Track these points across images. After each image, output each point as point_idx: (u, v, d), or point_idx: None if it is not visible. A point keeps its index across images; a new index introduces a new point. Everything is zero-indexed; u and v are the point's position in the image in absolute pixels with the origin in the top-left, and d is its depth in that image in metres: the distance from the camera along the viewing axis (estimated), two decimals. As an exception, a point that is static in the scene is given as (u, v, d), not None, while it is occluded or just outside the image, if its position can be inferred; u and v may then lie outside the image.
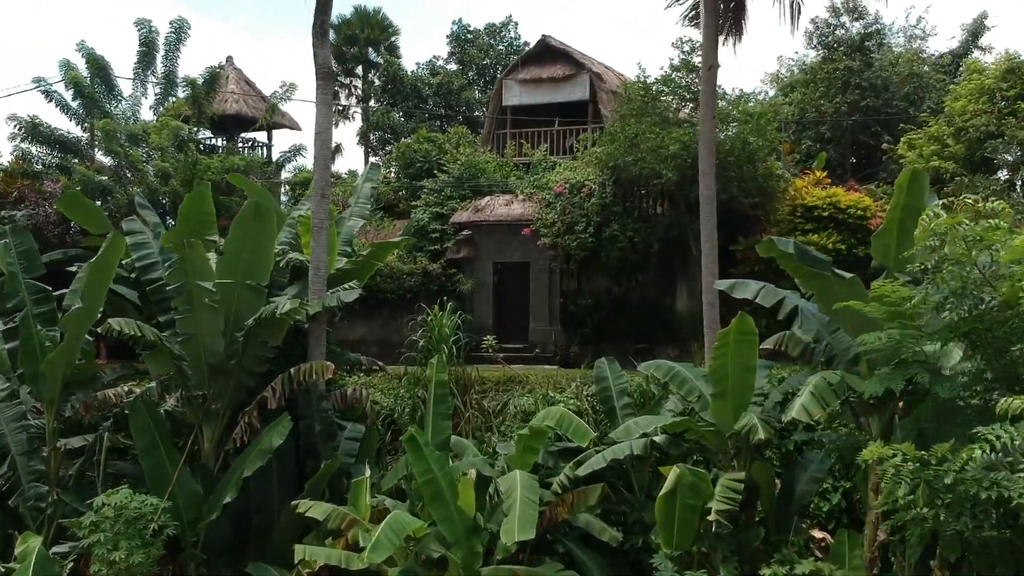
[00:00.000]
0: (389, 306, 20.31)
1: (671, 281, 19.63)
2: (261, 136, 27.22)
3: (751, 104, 19.06)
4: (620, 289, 19.65)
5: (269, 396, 12.52)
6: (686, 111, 19.80)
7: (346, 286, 13.71)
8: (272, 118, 22.54)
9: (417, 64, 39.28)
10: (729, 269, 18.65)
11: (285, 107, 23.49)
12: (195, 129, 21.03)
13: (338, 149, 33.37)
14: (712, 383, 10.98)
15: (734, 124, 18.02)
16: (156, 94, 22.10)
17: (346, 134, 73.93)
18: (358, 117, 35.45)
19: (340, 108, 35.86)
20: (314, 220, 13.39)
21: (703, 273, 13.00)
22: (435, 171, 22.97)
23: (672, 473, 10.09)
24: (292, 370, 12.61)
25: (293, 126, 25.49)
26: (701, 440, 11.51)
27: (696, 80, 18.97)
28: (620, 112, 19.17)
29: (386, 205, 25.08)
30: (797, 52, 63.16)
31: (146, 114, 22.07)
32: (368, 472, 11.11)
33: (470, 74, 35.39)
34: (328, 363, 12.60)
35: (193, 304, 12.49)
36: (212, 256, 13.01)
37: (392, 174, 26.69)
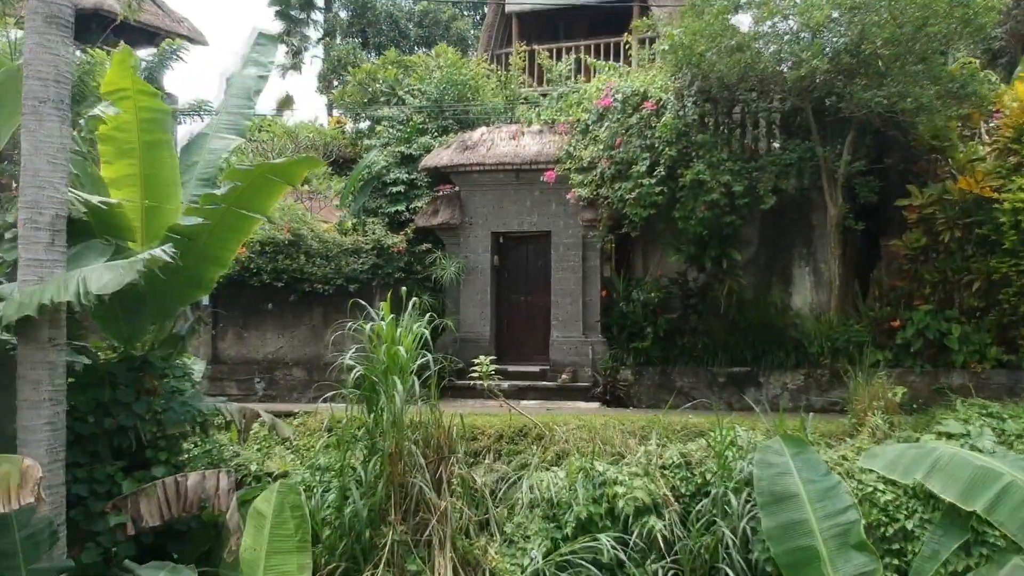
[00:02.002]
0: (321, 304, 13.04)
1: (785, 263, 12.07)
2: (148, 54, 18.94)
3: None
4: (702, 275, 12.20)
5: None
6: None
7: (141, 257, 5.84)
8: (137, 12, 14.17)
9: (396, -10, 31.30)
10: (892, 242, 11.15)
11: (185, 11, 15.52)
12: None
13: (287, 102, 25.31)
14: None
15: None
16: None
17: (303, 85, 59.91)
18: (317, 64, 27.59)
19: (294, 50, 27.97)
20: (27, 91, 5.49)
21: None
22: (405, 103, 15.16)
23: None
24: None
25: (196, 37, 17.50)
26: None
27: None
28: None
29: (338, 160, 17.44)
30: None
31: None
32: None
33: (463, 6, 27.66)
34: (24, 461, 4.67)
35: None
36: None
37: (347, 120, 18.87)
